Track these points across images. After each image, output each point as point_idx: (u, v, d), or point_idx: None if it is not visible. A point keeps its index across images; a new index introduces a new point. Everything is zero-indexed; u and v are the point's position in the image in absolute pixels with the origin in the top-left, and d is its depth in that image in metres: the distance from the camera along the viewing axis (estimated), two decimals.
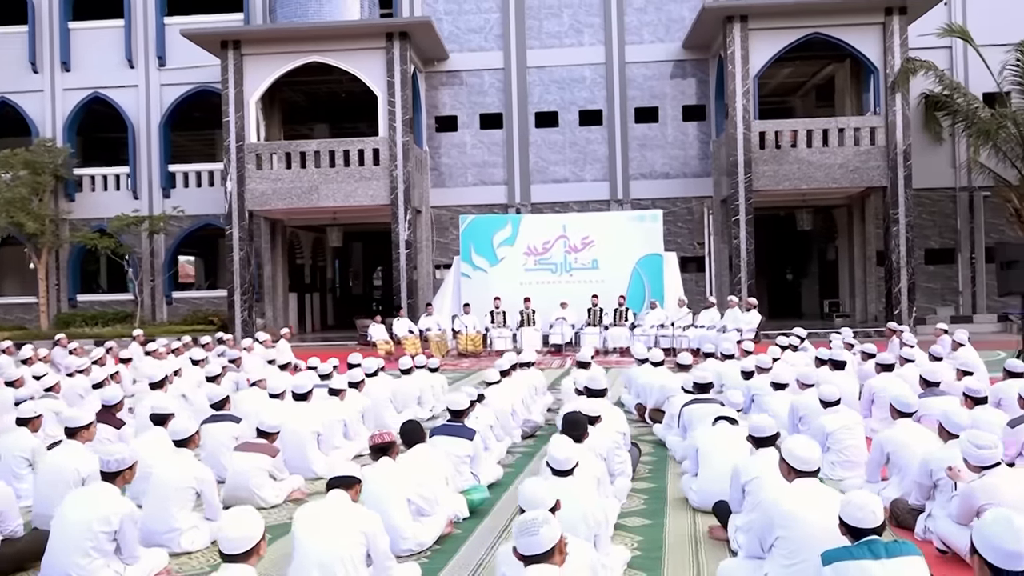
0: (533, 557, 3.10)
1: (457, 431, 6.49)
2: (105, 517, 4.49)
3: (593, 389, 7.10)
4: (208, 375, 9.32)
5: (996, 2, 22.52)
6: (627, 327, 18.35)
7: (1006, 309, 21.75)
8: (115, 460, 4.68)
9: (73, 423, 5.90)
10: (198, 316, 24.05)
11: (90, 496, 4.60)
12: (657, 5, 23.79)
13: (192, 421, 5.92)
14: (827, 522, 4.00)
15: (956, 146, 22.90)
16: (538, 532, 3.12)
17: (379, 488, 5.15)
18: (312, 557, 4.05)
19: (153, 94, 24.77)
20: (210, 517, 5.56)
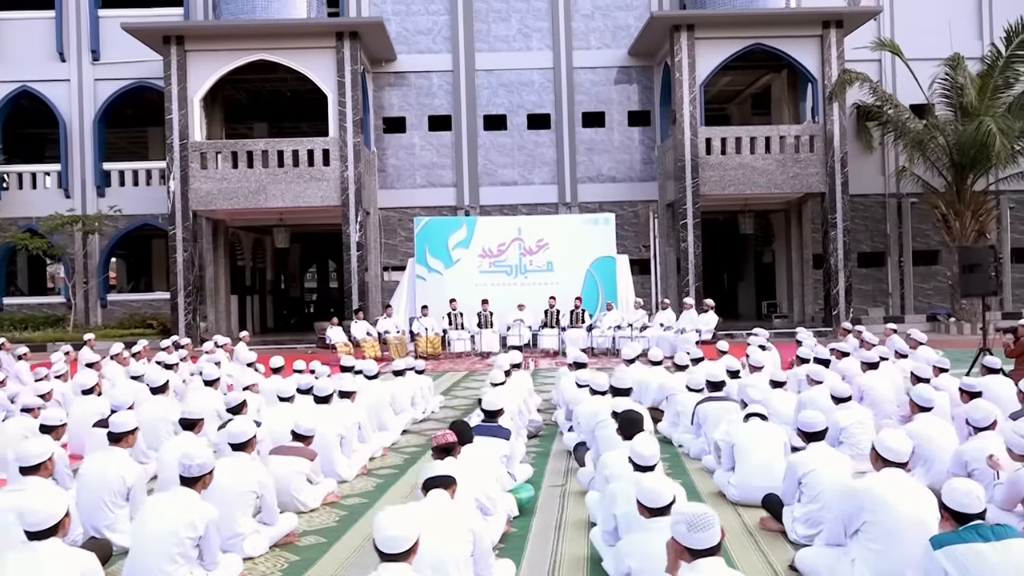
0: (704, 551, 3.20)
1: (494, 431, 6.54)
2: (191, 523, 4.42)
3: (620, 388, 7.26)
4: (206, 379, 9.11)
5: (921, 19, 23.65)
6: (584, 328, 18.63)
7: (933, 310, 22.93)
8: (196, 465, 4.59)
9: (119, 428, 5.74)
10: (135, 319, 23.28)
11: (174, 502, 4.51)
12: (604, 12, 24.20)
13: (248, 423, 5.82)
14: (915, 509, 4.26)
15: (886, 155, 24.03)
16: (713, 526, 3.23)
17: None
18: (425, 558, 4.06)
19: (87, 89, 23.87)
20: (268, 521, 5.49)
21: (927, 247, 24.34)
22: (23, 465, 4.82)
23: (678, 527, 3.26)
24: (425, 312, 18.79)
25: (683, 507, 3.33)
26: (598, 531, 5.11)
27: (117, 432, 5.77)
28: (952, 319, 21.78)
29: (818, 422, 5.47)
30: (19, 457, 4.86)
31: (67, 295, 23.66)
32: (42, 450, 4.91)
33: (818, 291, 23.80)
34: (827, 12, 21.55)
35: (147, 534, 4.40)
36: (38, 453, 4.86)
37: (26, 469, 4.83)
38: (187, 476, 4.59)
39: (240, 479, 5.27)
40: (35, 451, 4.87)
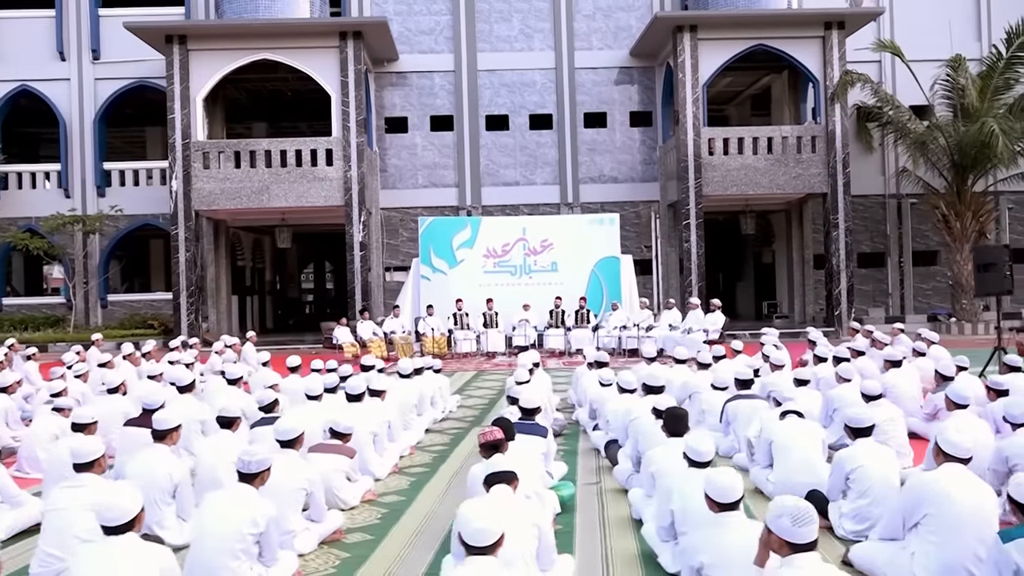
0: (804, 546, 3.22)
1: (532, 429, 6.55)
2: (253, 519, 4.41)
3: (653, 386, 7.29)
4: (229, 378, 9.08)
5: (920, 21, 23.78)
6: (589, 328, 18.68)
7: (933, 310, 23.07)
8: (256, 462, 4.59)
9: (163, 425, 5.73)
10: (135, 320, 23.16)
11: (235, 499, 4.50)
12: (605, 13, 24.25)
13: (297, 421, 5.81)
14: (976, 503, 4.30)
15: (886, 156, 24.17)
16: (815, 521, 3.26)
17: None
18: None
19: (87, 88, 23.74)
20: (316, 518, 5.49)
21: (926, 248, 24.49)
22: (78, 462, 4.81)
23: (781, 521, 3.28)
24: (431, 312, 18.79)
25: (784, 502, 3.35)
26: (651, 527, 5.13)
27: (161, 429, 5.77)
28: (953, 319, 21.92)
29: (865, 418, 5.52)
30: (75, 454, 4.85)
31: (67, 295, 23.53)
32: (96, 447, 4.91)
33: (819, 291, 23.91)
34: (829, 13, 21.66)
35: (209, 531, 4.39)
36: (93, 450, 4.85)
37: (80, 466, 4.81)
38: (246, 472, 4.59)
39: (290, 476, 5.27)
40: (90, 448, 4.86)
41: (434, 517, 6.16)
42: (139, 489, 5.33)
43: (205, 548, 4.37)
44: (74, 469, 4.85)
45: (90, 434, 6.57)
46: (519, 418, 6.83)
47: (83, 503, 4.64)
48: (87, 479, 4.76)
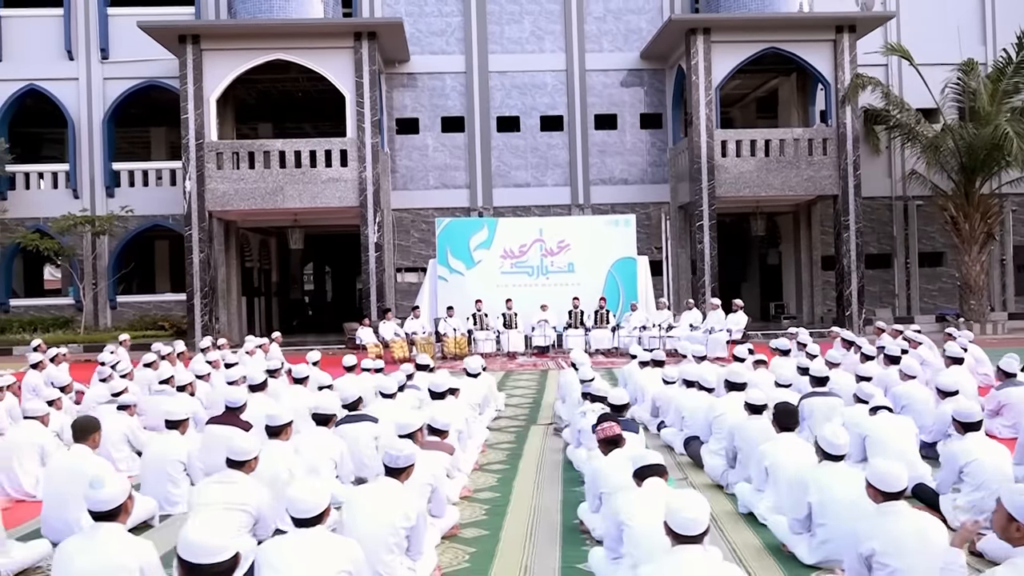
0: None
1: (627, 425, 6.60)
2: (405, 513, 4.44)
3: (736, 383, 7.37)
4: (296, 376, 9.09)
5: (925, 25, 24.03)
6: (608, 329, 18.78)
7: (942, 310, 23.35)
8: (404, 456, 4.63)
9: (277, 421, 5.75)
10: (145, 321, 23.00)
11: (385, 493, 4.53)
12: (616, 15, 24.38)
13: (414, 415, 5.84)
14: None
15: (892, 158, 24.45)
16: None
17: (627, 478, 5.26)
18: (656, 540, 4.14)
19: (95, 88, 23.57)
20: (437, 514, 5.51)
21: (932, 249, 24.80)
22: (235, 459, 4.83)
23: (1018, 499, 3.34)
24: (451, 313, 18.82)
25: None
26: (778, 520, 5.21)
27: (275, 425, 5.80)
28: (961, 319, 22.18)
29: (975, 412, 5.63)
30: (231, 451, 4.86)
31: (76, 296, 23.33)
32: (252, 446, 4.93)
33: (826, 292, 24.16)
34: (841, 17, 21.92)
35: (361, 526, 4.41)
36: (248, 448, 4.88)
37: (234, 463, 4.84)
38: (393, 467, 4.62)
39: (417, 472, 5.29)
40: (244, 447, 4.88)
41: (542, 511, 6.23)
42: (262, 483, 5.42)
43: (359, 543, 4.39)
44: (228, 465, 4.86)
45: (184, 431, 6.61)
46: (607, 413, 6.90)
47: (230, 501, 4.65)
48: (237, 476, 4.77)
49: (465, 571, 5.00)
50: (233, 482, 4.74)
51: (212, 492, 4.71)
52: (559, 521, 5.95)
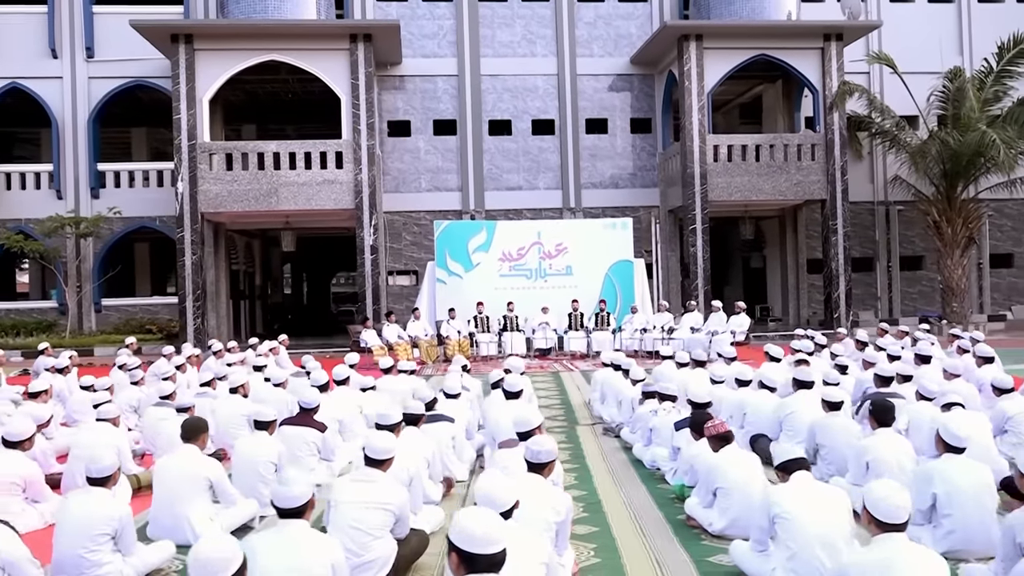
0: None
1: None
2: (555, 508, 4.48)
3: (803, 381, 7.53)
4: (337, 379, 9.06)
5: (905, 35, 24.63)
6: (609, 331, 18.93)
7: (924, 312, 23.95)
8: (545, 452, 4.68)
9: (388, 421, 5.76)
10: (131, 325, 22.56)
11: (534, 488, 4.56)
12: (606, 20, 24.60)
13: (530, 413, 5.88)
14: None
15: (874, 163, 25.04)
16: None
17: (746, 473, 5.38)
18: (811, 531, 4.25)
19: (80, 87, 23.11)
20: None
21: (912, 253, 25.44)
22: (376, 458, 4.83)
23: None
24: (452, 315, 18.83)
25: None
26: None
27: (387, 424, 5.80)
28: (944, 321, 22.78)
29: None
30: (371, 449, 4.86)
31: (60, 300, 22.83)
32: (388, 445, 4.94)
33: (811, 295, 24.64)
34: (828, 25, 22.40)
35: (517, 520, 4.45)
36: (387, 448, 4.88)
37: (374, 461, 4.83)
38: (537, 463, 4.67)
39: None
40: (384, 445, 4.88)
41: (639, 508, 6.32)
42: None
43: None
44: (365, 463, 4.85)
45: (272, 432, 6.57)
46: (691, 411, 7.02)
47: (371, 500, 4.65)
48: (377, 475, 4.77)
49: (598, 566, 5.05)
50: (373, 480, 4.74)
51: (353, 490, 4.70)
52: (662, 517, 6.04)
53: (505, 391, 7.61)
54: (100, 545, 4.57)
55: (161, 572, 5.02)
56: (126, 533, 4.70)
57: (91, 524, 4.56)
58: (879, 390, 8.05)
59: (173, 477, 5.55)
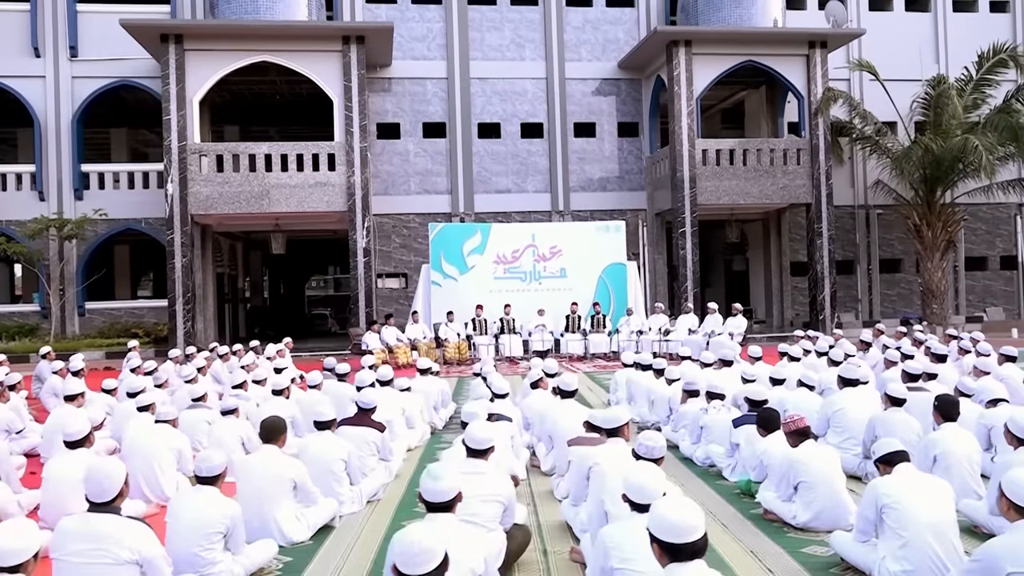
0: None
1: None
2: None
3: (849, 379, 7.72)
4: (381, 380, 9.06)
5: (883, 43, 25.17)
6: (605, 333, 19.09)
7: (904, 314, 24.49)
8: (657, 448, 4.77)
9: (471, 418, 5.81)
10: (116, 328, 22.25)
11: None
12: (594, 25, 24.82)
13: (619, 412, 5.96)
14: None
15: (855, 168, 25.57)
16: None
17: (827, 466, 5.53)
18: (923, 520, 4.40)
19: (63, 87, 22.70)
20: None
21: (891, 256, 26.02)
22: (476, 448, 4.89)
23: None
24: (451, 318, 18.85)
25: None
26: (975, 505, 5.53)
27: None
28: (924, 323, 23.32)
29: None
30: (472, 440, 4.91)
31: (42, 303, 22.41)
32: (488, 435, 5.01)
33: (795, 297, 25.07)
34: (814, 33, 22.84)
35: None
36: (488, 438, 4.95)
37: (476, 452, 4.90)
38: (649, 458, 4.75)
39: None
40: (483, 436, 4.96)
41: (709, 502, 6.42)
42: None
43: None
44: (468, 455, 4.90)
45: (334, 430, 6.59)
46: (748, 409, 7.16)
47: (484, 493, 4.70)
48: (485, 466, 4.82)
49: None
50: (481, 472, 4.79)
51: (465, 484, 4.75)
52: (736, 512, 6.15)
53: (561, 391, 7.67)
54: (213, 543, 4.57)
55: (264, 571, 5.02)
56: (237, 531, 4.70)
57: (205, 523, 4.56)
58: (917, 386, 8.27)
59: (258, 477, 5.53)
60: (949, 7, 26.08)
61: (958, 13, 26.16)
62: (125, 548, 3.86)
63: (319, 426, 6.53)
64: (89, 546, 3.89)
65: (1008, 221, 26.46)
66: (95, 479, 4.01)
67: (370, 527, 6.07)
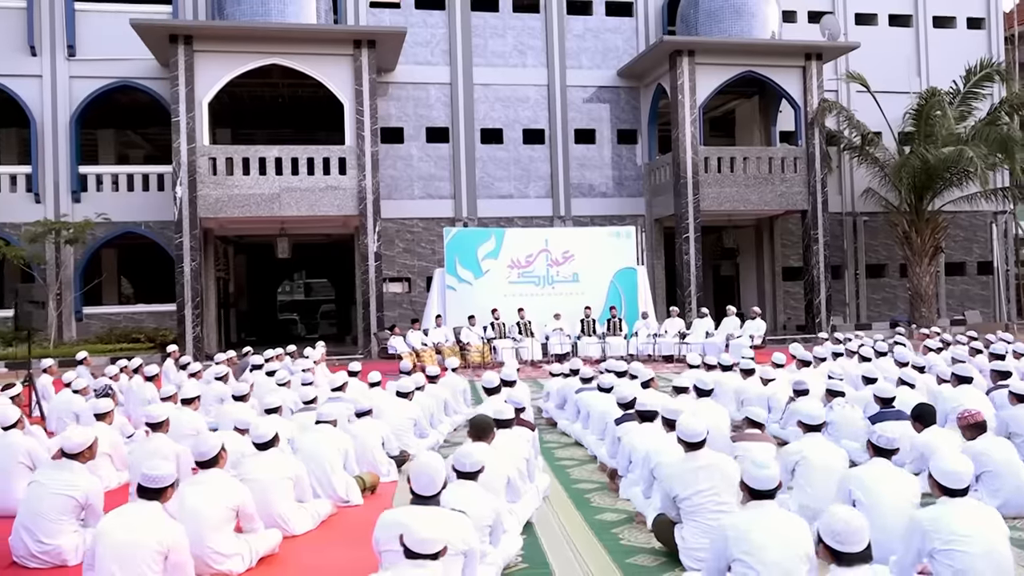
0: None
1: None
2: None
3: (964, 376, 8.11)
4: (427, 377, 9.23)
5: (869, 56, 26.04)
6: (622, 336, 19.41)
7: (895, 317, 25.40)
8: (894, 440, 5.04)
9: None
10: (116, 334, 21.76)
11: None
12: (595, 33, 25.19)
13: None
14: None
15: (843, 176, 26.40)
16: None
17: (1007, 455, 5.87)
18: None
19: (61, 86, 22.18)
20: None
21: (877, 261, 26.93)
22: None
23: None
24: (472, 322, 18.97)
25: None
26: None
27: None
28: (913, 326, 24.21)
29: None
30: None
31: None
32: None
33: (787, 301, 25.78)
34: (810, 45, 23.60)
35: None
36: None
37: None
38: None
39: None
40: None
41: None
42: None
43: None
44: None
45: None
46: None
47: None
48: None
49: None
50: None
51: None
52: None
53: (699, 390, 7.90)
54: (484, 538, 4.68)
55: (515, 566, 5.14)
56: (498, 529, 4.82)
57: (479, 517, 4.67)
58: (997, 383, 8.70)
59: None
60: (930, 23, 27.14)
61: (938, 29, 27.24)
62: (459, 540, 3.98)
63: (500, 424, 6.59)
64: None
65: (984, 228, 27.61)
66: (425, 473, 4.13)
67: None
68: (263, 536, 5.39)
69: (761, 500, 4.09)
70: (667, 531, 5.27)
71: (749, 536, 3.94)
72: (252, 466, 5.93)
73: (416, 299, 23.53)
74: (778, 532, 3.96)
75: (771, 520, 4.02)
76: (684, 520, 5.05)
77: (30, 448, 6.83)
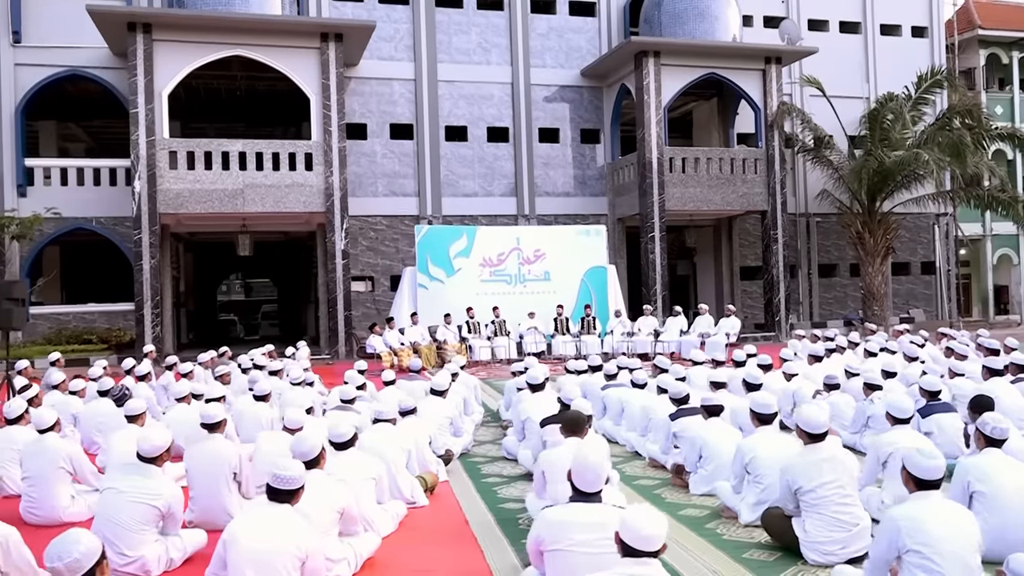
0: None
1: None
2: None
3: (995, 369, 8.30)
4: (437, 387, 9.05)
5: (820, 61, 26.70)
6: (596, 335, 19.43)
7: (848, 315, 26.09)
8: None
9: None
10: (65, 335, 20.76)
11: None
12: (558, 33, 25.18)
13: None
14: None
15: (796, 178, 27.00)
16: None
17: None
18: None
19: (5, 75, 21.06)
20: None
21: (828, 261, 27.64)
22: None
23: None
24: (448, 320, 18.74)
25: None
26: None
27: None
28: (865, 323, 24.90)
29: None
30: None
31: None
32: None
33: (744, 300, 26.23)
34: (770, 49, 24.05)
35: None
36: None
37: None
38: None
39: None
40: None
41: None
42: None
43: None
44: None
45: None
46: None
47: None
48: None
49: None
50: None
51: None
52: None
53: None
54: None
55: None
56: None
57: None
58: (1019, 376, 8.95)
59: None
60: (878, 31, 27.98)
61: (885, 36, 28.11)
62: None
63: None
64: (594, 536, 3.84)
65: (927, 230, 28.61)
66: (590, 469, 3.97)
67: None
68: (365, 539, 5.14)
69: (927, 491, 4.05)
70: (779, 524, 5.22)
71: (925, 527, 3.89)
72: (332, 467, 5.64)
73: (380, 298, 23.12)
74: (952, 523, 3.93)
75: (943, 511, 3.99)
76: (806, 513, 4.99)
77: (70, 453, 6.39)
